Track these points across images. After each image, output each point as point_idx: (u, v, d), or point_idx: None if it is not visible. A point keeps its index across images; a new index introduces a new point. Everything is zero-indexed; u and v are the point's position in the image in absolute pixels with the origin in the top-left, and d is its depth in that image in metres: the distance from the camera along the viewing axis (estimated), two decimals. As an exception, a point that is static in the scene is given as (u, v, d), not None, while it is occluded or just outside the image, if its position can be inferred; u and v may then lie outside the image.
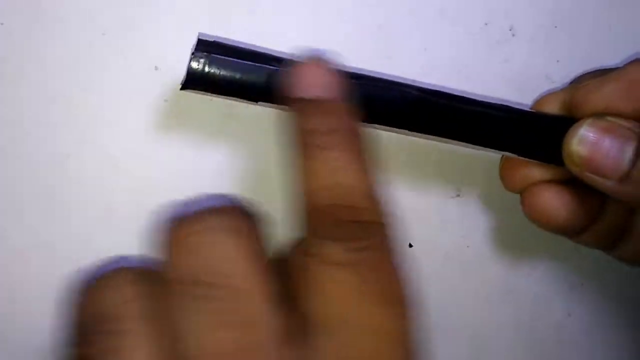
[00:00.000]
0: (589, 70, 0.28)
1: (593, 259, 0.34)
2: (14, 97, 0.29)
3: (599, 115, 0.25)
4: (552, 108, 0.27)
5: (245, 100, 0.24)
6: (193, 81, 0.23)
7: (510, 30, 0.31)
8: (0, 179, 0.29)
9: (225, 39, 0.24)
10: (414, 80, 0.25)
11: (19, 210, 0.30)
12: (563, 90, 0.28)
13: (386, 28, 0.31)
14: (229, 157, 0.31)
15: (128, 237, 0.30)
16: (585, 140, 0.25)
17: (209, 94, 0.24)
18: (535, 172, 0.27)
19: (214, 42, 0.23)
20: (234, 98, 0.24)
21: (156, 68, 0.30)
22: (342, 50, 0.31)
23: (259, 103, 0.24)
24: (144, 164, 0.30)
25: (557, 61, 0.31)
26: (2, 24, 0.29)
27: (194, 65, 0.23)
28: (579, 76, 0.28)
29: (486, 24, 0.31)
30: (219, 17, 0.30)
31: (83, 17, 0.29)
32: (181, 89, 0.24)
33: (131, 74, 0.29)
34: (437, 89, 0.25)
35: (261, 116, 0.31)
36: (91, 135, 0.30)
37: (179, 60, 0.30)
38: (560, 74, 0.31)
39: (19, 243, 0.30)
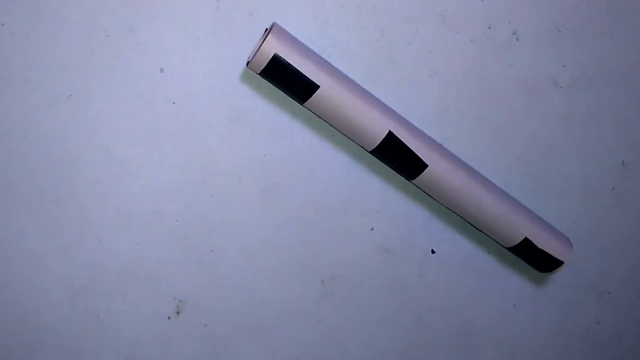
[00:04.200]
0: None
1: (620, 266, 0.34)
2: (16, 98, 0.28)
3: None
4: None
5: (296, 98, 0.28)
6: (269, 64, 0.27)
7: (513, 34, 0.31)
8: (4, 180, 0.29)
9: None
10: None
11: (33, 213, 0.29)
12: None
13: (388, 34, 0.31)
14: (243, 159, 0.31)
15: (144, 241, 0.30)
16: None
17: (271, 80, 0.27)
18: None
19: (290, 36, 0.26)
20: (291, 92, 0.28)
21: (162, 70, 0.29)
22: (346, 55, 0.31)
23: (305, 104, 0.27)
24: (152, 168, 0.30)
25: (564, 66, 0.32)
26: (2, 24, 0.28)
27: (268, 48, 0.26)
28: None
29: (489, 28, 0.31)
30: (221, 19, 0.29)
31: (85, 18, 0.28)
32: (248, 65, 0.27)
33: (136, 76, 0.29)
34: None
35: (279, 116, 0.30)
36: (97, 138, 0.29)
37: (185, 62, 0.30)
38: (567, 80, 0.32)
39: (36, 247, 0.29)
